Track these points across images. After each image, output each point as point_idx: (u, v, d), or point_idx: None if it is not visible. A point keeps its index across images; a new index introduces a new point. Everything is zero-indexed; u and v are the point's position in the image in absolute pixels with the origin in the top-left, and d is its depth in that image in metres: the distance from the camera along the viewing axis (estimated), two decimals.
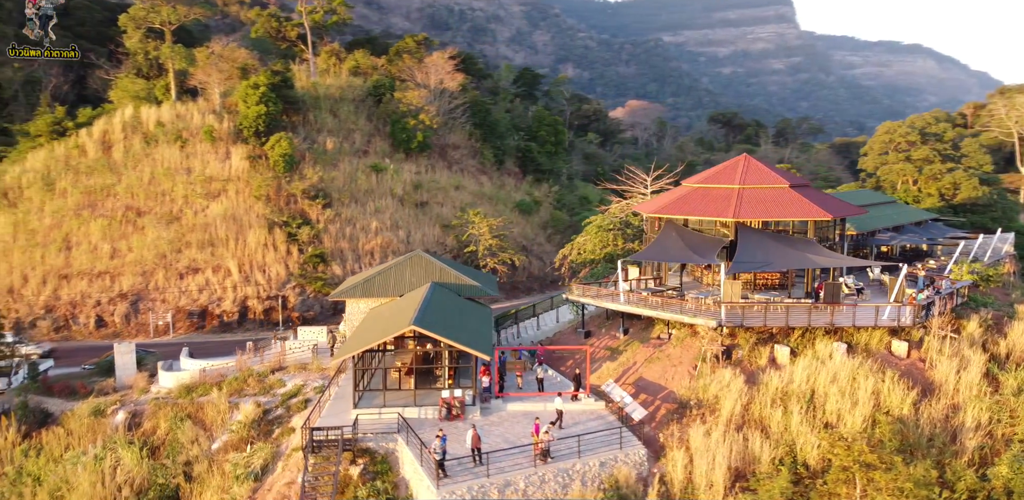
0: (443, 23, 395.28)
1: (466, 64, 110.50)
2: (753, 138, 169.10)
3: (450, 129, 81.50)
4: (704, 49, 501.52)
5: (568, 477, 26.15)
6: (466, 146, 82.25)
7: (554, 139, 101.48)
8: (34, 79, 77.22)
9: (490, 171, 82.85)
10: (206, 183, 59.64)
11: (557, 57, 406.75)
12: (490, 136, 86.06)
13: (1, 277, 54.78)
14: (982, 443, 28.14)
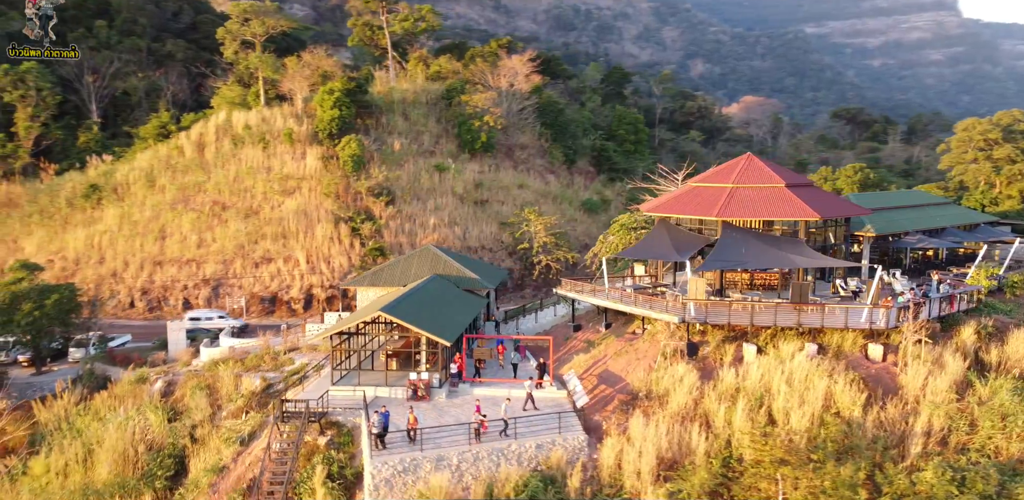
0: (568, 23, 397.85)
1: (550, 65, 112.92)
2: (880, 135, 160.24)
3: (520, 130, 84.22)
4: (851, 40, 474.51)
5: (503, 457, 28.30)
6: (535, 146, 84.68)
7: (634, 138, 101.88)
8: (156, 87, 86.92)
9: (558, 170, 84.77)
10: (283, 181, 65.59)
11: (686, 53, 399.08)
12: (560, 136, 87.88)
13: (107, 262, 62.93)
14: (932, 450, 27.69)
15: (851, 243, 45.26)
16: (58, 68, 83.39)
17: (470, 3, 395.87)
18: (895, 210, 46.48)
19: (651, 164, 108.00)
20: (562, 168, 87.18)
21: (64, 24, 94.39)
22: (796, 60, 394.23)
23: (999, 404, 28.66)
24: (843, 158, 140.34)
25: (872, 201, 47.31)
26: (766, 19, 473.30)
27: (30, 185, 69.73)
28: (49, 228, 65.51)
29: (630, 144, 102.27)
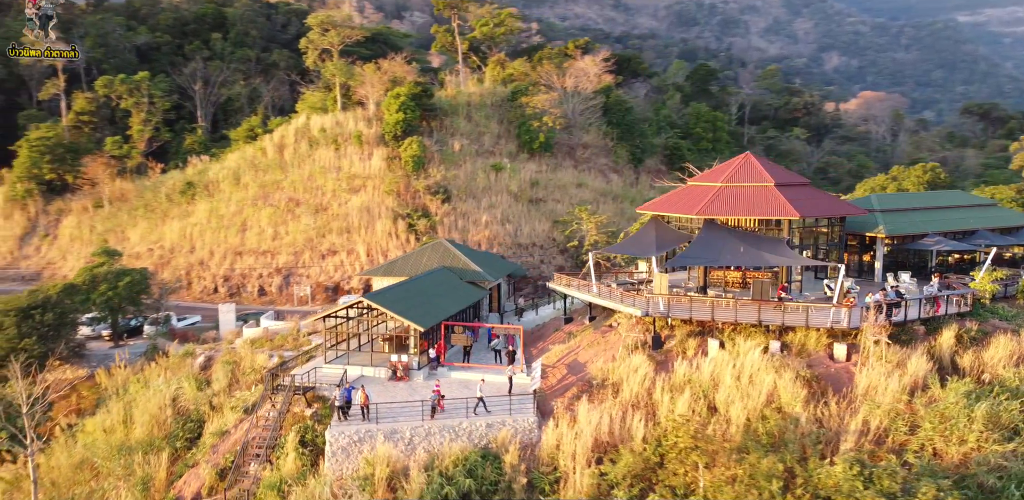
0: (690, 19, 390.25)
1: (630, 64, 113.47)
2: (1016, 132, 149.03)
3: (584, 129, 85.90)
4: (1011, 29, 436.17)
5: (454, 433, 30.97)
6: (599, 145, 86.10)
7: (711, 135, 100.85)
8: (257, 94, 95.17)
9: (623, 169, 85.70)
10: (350, 180, 70.83)
11: (820, 45, 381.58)
12: (627, 135, 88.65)
13: (197, 251, 70.42)
14: (866, 448, 27.88)
15: (865, 244, 44.57)
16: (175, 78, 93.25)
17: (588, 2, 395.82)
18: (917, 211, 45.04)
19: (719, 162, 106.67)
20: (627, 167, 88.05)
21: (184, 37, 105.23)
22: (945, 51, 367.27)
23: (943, 407, 28.36)
24: (965, 157, 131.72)
25: (894, 202, 46.19)
26: (912, 8, 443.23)
27: (139, 182, 78.78)
28: (151, 220, 74.00)
29: (707, 142, 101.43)
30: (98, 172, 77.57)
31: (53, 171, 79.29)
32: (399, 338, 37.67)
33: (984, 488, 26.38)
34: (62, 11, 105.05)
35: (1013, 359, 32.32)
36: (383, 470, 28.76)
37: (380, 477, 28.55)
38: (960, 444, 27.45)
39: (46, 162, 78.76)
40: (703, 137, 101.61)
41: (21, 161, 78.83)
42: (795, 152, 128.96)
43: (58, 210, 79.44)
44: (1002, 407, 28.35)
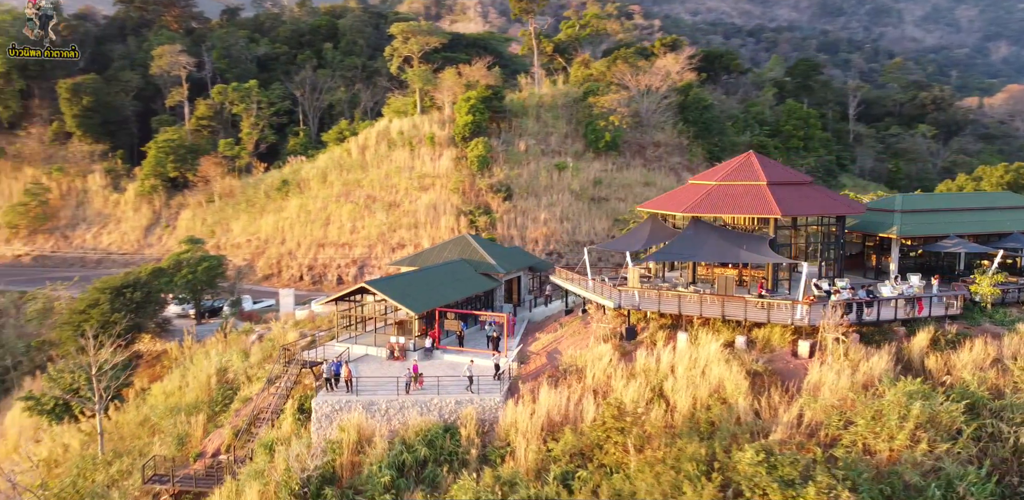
0: (836, 9, 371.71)
1: (723, 60, 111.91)
2: None
3: (659, 128, 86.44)
4: None
5: (426, 408, 34.28)
6: (673, 144, 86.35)
7: (802, 133, 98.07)
8: (355, 100, 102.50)
9: (697, 168, 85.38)
10: (421, 179, 75.71)
11: (985, 34, 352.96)
12: (704, 133, 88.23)
13: (287, 243, 77.76)
14: (793, 440, 28.64)
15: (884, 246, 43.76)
16: (287, 85, 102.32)
17: None
18: (941, 213, 43.57)
19: (831, 161, 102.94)
20: (703, 165, 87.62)
21: (300, 47, 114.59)
22: None
23: (879, 405, 28.56)
24: None
25: (920, 203, 44.93)
26: None
27: (244, 180, 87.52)
28: (251, 214, 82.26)
29: (797, 140, 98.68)
30: (211, 171, 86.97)
31: (176, 169, 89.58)
32: (405, 322, 41.42)
33: (908, 486, 26.58)
34: (197, 25, 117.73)
35: (987, 362, 31.64)
36: (352, 436, 32.55)
37: (349, 441, 32.34)
38: (889, 441, 27.65)
39: (170, 161, 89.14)
40: (793, 135, 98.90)
41: (149, 160, 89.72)
42: (913, 151, 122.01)
43: (178, 204, 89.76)
44: (942, 408, 28.18)
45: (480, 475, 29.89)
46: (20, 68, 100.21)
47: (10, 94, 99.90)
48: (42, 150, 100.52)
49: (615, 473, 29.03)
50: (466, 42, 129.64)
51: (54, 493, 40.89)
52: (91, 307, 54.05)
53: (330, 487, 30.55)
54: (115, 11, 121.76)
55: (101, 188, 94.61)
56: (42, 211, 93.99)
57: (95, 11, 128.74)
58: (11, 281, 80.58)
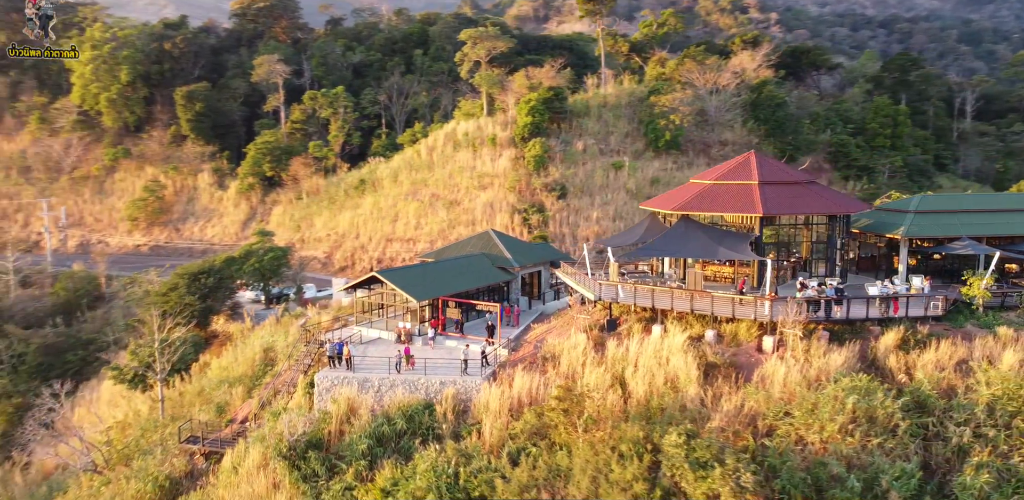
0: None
1: (810, 56, 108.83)
2: None
3: (728, 126, 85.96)
4: None
5: (413, 387, 37.60)
6: (741, 142, 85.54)
7: (889, 131, 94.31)
8: (436, 103, 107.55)
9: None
10: (480, 178, 79.31)
11: None
12: (777, 131, 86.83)
13: (360, 238, 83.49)
14: (729, 427, 29.87)
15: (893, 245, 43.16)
16: (377, 90, 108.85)
17: None
18: (957, 214, 42.38)
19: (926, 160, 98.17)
20: None
21: (392, 54, 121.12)
22: None
23: (815, 398, 29.30)
24: None
25: (939, 203, 43.95)
26: None
27: (329, 179, 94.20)
28: (331, 211, 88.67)
29: (884, 138, 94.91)
30: (300, 170, 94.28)
31: (271, 169, 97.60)
32: (419, 310, 44.96)
33: (833, 476, 27.35)
34: (302, 36, 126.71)
35: (951, 363, 31.44)
36: (343, 408, 36.36)
37: (339, 413, 36.18)
38: (820, 432, 28.42)
39: (266, 162, 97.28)
40: (879, 133, 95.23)
41: (248, 161, 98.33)
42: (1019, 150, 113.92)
43: (272, 201, 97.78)
44: (878, 404, 28.60)
45: (444, 447, 32.86)
46: (144, 77, 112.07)
47: (135, 101, 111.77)
48: (161, 151, 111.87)
49: (561, 450, 31.22)
50: (552, 44, 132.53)
51: (117, 449, 47.39)
52: (171, 290, 61.13)
53: (315, 451, 34.44)
54: (232, 24, 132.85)
55: (208, 186, 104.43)
56: (158, 206, 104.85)
57: (217, 24, 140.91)
58: (128, 267, 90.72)
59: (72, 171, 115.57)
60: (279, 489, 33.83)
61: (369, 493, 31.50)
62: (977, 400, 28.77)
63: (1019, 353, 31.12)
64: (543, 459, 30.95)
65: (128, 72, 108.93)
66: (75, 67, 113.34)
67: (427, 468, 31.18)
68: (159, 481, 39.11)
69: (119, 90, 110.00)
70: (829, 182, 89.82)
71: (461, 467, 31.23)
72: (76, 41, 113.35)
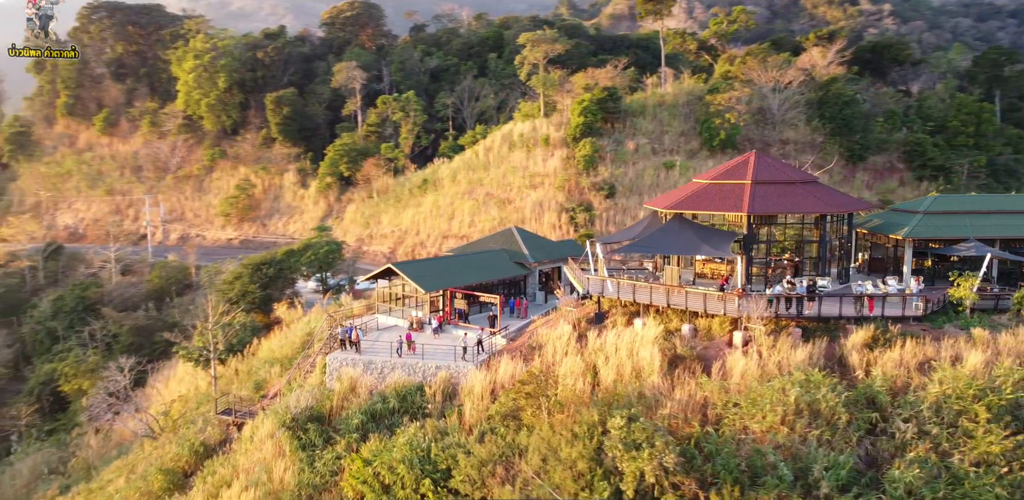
0: None
1: (893, 51, 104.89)
2: None
3: (792, 125, 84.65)
4: None
5: (412, 370, 40.68)
6: (805, 141, 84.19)
7: (972, 130, 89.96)
8: (504, 105, 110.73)
9: (833, 167, 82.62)
10: (532, 177, 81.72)
11: None
12: (844, 130, 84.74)
13: (420, 234, 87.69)
14: (678, 414, 31.22)
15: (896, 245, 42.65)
16: (451, 93, 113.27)
17: None
18: (969, 215, 41.40)
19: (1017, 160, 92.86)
20: (839, 164, 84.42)
21: (469, 58, 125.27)
22: None
23: (762, 390, 30.23)
24: None
25: (952, 204, 43.08)
26: None
27: (397, 179, 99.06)
28: (396, 209, 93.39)
29: (966, 137, 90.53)
30: (371, 171, 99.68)
31: (348, 169, 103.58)
32: (434, 300, 48.06)
33: (768, 464, 28.34)
34: (386, 43, 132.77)
35: (913, 362, 31.54)
36: (346, 386, 39.87)
37: (340, 390, 39.71)
38: (761, 422, 29.39)
39: (343, 162, 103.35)
40: (962, 131, 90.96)
41: (326, 161, 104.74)
42: None
43: (347, 199, 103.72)
44: (820, 397, 29.27)
45: (425, 425, 35.70)
46: (240, 84, 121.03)
47: (232, 106, 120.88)
48: (253, 152, 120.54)
49: (525, 430, 33.41)
50: (629, 43, 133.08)
51: (172, 418, 53.01)
52: (236, 279, 67.07)
53: (315, 424, 38.07)
54: (323, 32, 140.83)
55: (292, 184, 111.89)
56: (248, 203, 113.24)
57: (312, 33, 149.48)
58: (218, 259, 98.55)
59: (176, 170, 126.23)
60: (282, 456, 37.64)
61: (354, 462, 34.69)
62: (924, 398, 28.90)
63: (985, 354, 30.86)
64: (507, 438, 33.21)
65: (225, 79, 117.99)
66: (180, 75, 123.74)
67: (405, 442, 34.05)
68: (194, 446, 43.97)
69: (217, 96, 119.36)
70: (902, 182, 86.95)
71: (434, 442, 33.93)
72: (181, 51, 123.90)
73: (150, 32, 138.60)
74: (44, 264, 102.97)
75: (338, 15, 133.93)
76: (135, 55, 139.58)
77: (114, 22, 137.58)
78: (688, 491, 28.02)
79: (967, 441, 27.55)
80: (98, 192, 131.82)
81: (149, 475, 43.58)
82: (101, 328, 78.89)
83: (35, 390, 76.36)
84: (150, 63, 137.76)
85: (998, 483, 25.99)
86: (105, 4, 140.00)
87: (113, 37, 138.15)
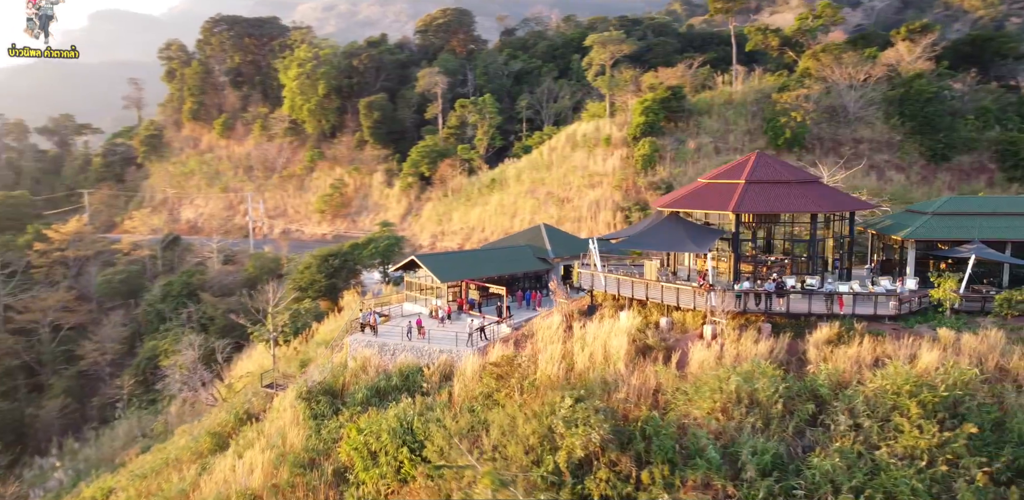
0: None
1: (994, 44, 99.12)
2: None
3: (868, 124, 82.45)
4: None
5: (419, 353, 44.24)
6: (881, 140, 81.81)
7: None
8: (580, 106, 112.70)
9: (912, 167, 79.85)
10: (591, 177, 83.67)
11: None
12: (926, 128, 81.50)
13: (485, 231, 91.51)
14: (631, 399, 33.14)
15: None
16: (531, 96, 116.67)
17: None
18: (977, 217, 40.33)
19: None
20: (918, 163, 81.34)
21: (553, 60, 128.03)
22: None
23: (704, 379, 31.69)
24: None
25: (964, 206, 42.10)
26: None
27: (471, 179, 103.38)
28: (467, 207, 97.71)
29: None
30: (447, 171, 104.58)
31: (428, 169, 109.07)
32: (446, 290, 51.51)
33: (701, 447, 29.93)
34: (475, 47, 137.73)
35: (867, 359, 32.01)
36: (357, 365, 43.99)
37: (353, 368, 43.86)
38: (700, 409, 30.90)
39: (424, 163, 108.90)
40: None
41: (408, 162, 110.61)
42: None
43: (425, 198, 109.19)
44: (759, 387, 30.43)
45: (415, 401, 39.17)
46: (337, 90, 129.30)
47: (330, 111, 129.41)
48: (348, 154, 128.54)
49: (496, 408, 36.20)
50: (719, 40, 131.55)
51: (235, 390, 59.21)
52: (306, 269, 73.30)
53: (326, 396, 42.36)
54: (418, 39, 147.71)
55: (379, 184, 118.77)
56: (341, 201, 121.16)
57: (411, 40, 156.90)
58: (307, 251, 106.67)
59: (281, 170, 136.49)
60: (297, 423, 42.19)
61: (350, 431, 38.63)
62: (861, 392, 29.50)
63: (943, 353, 30.93)
64: (481, 415, 36.11)
65: (324, 86, 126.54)
66: (286, 82, 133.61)
67: (394, 415, 37.63)
68: (238, 414, 49.52)
69: (317, 101, 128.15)
70: (990, 183, 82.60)
71: (418, 416, 37.31)
72: (288, 60, 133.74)
73: (264, 43, 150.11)
74: (162, 253, 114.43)
75: (431, 22, 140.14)
76: (251, 64, 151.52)
77: (233, 34, 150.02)
78: (624, 468, 30.00)
79: (896, 435, 28.04)
80: (215, 189, 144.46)
81: (200, 437, 49.49)
82: (198, 310, 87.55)
83: (140, 364, 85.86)
84: (263, 71, 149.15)
85: (916, 476, 26.47)
86: (226, 18, 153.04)
87: (232, 48, 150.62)
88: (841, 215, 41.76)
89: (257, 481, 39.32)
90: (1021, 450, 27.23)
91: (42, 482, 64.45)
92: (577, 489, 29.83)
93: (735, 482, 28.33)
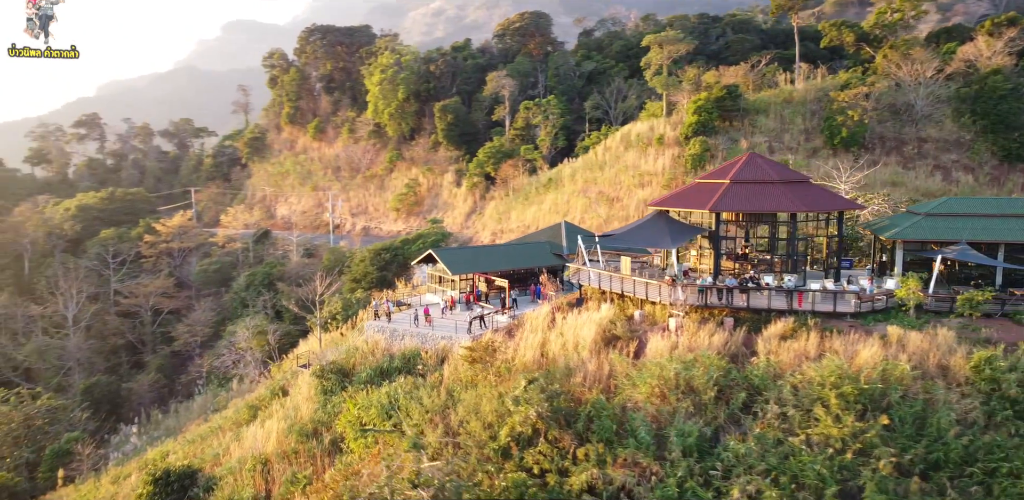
0: None
1: None
2: None
3: (936, 122, 79.80)
4: None
5: (424, 338, 47.61)
6: (949, 140, 78.98)
7: None
8: (644, 104, 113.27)
9: (981, 167, 76.68)
10: (641, 176, 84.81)
11: None
12: (998, 127, 78.04)
13: (537, 229, 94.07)
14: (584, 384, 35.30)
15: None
16: (599, 96, 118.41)
17: None
18: (969, 218, 39.66)
19: None
20: (989, 164, 78.01)
21: (627, 60, 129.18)
22: None
23: (648, 367, 33.46)
24: None
25: (958, 207, 41.37)
26: None
27: (531, 179, 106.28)
28: (524, 205, 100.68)
29: None
30: (509, 171, 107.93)
31: (493, 170, 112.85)
32: (458, 282, 54.74)
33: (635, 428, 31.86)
34: (552, 49, 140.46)
35: (812, 352, 32.88)
36: (368, 347, 47.94)
37: (363, 350, 47.84)
38: (645, 396, 32.74)
39: (489, 164, 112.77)
40: None
41: (475, 162, 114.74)
42: None
43: (489, 197, 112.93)
44: (695, 374, 32.00)
45: (406, 381, 42.65)
46: (416, 94, 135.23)
47: (409, 114, 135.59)
48: (424, 155, 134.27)
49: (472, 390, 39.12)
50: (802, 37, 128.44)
51: (284, 370, 64.76)
52: (360, 262, 78.57)
53: (335, 375, 46.52)
54: (496, 43, 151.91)
55: (449, 184, 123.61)
56: (414, 199, 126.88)
57: (492, 44, 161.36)
58: None
59: (365, 171, 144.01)
60: (309, 399, 46.59)
61: (349, 405, 42.58)
62: (790, 382, 30.56)
63: (882, 349, 31.48)
64: (456, 395, 39.14)
65: (404, 90, 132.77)
66: (370, 87, 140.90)
67: (384, 392, 41.29)
68: (274, 389, 54.63)
69: (397, 105, 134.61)
70: None
71: (404, 394, 40.76)
72: (373, 66, 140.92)
73: (353, 50, 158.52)
74: (253, 246, 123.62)
75: (508, 27, 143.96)
76: (341, 71, 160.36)
77: (325, 43, 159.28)
78: (565, 445, 32.30)
79: (815, 424, 29.04)
80: (306, 188, 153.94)
81: (240, 409, 54.97)
82: (273, 298, 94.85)
83: (220, 345, 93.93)
84: (352, 77, 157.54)
85: (824, 462, 27.50)
86: (320, 27, 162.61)
87: (325, 55, 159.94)
88: (828, 215, 42.03)
89: (271, 447, 43.90)
90: (937, 444, 27.66)
91: (122, 447, 72.30)
92: (521, 462, 32.36)
93: (660, 461, 30.08)
